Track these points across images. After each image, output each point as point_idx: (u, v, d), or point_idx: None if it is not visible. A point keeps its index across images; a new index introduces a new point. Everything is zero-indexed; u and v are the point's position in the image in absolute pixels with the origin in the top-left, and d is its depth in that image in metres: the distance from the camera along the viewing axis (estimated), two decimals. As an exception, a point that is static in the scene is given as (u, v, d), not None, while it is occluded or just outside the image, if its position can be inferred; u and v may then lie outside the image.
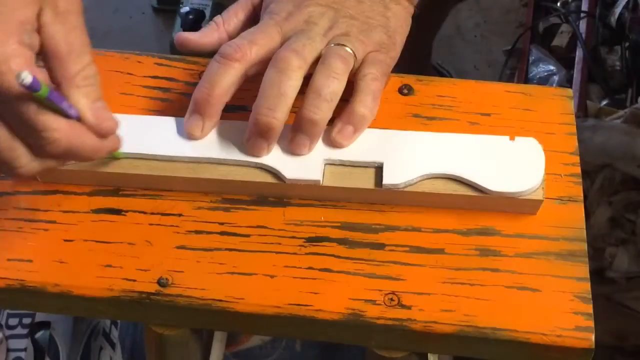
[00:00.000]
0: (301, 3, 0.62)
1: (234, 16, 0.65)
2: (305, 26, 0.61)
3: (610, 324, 1.17)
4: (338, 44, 0.60)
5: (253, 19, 0.65)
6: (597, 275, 1.15)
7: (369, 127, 0.61)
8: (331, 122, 0.60)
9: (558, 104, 0.64)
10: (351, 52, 0.60)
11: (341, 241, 0.58)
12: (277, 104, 0.57)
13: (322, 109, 0.58)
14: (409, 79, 0.66)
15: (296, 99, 0.58)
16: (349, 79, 0.60)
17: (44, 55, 0.53)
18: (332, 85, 0.58)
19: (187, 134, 0.60)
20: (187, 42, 0.63)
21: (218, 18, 0.65)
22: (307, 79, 0.59)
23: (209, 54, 0.62)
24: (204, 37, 0.64)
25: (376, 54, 0.61)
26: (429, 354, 0.66)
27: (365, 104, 0.60)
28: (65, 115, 0.53)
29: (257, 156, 0.59)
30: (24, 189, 0.61)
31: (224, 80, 0.59)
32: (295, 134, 0.59)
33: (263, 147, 0.59)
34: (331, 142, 0.60)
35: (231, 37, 0.63)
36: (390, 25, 0.63)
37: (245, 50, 0.59)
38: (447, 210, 0.59)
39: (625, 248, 1.15)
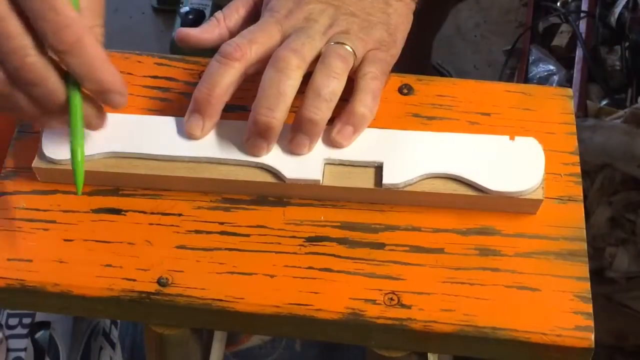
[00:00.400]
0: (301, 0, 0.62)
1: (235, 12, 0.65)
2: (305, 24, 0.61)
3: (610, 324, 1.17)
4: (338, 43, 0.60)
5: (254, 15, 0.65)
6: (597, 275, 1.15)
7: (369, 126, 0.61)
8: (331, 121, 0.60)
9: (558, 103, 0.64)
10: (351, 50, 0.60)
11: (341, 241, 0.58)
12: (276, 103, 0.57)
13: (321, 109, 0.58)
14: (409, 79, 0.66)
15: (296, 98, 0.58)
16: (349, 77, 0.60)
17: None
18: (331, 85, 0.58)
19: (187, 134, 0.60)
20: (188, 37, 0.63)
21: (219, 14, 0.65)
22: (307, 77, 0.59)
23: (209, 50, 0.62)
24: (205, 32, 0.64)
25: (376, 52, 0.61)
26: (428, 354, 0.66)
27: (365, 104, 0.59)
28: None
29: (257, 156, 0.59)
30: (24, 188, 0.61)
31: (224, 80, 0.59)
32: (295, 133, 0.59)
33: (262, 146, 0.59)
34: (331, 142, 0.60)
35: (232, 33, 0.63)
36: (391, 22, 0.63)
37: (245, 50, 0.59)
38: (447, 209, 0.59)
39: (625, 248, 1.15)
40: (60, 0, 0.53)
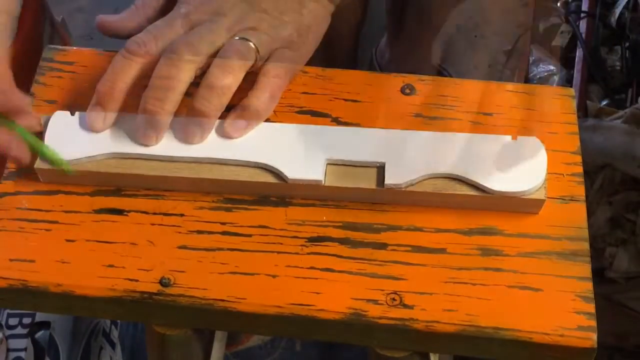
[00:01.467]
0: None
1: (154, 0, 0.65)
2: (213, 17, 0.61)
3: (610, 324, 1.17)
4: (241, 38, 0.60)
5: (172, 1, 0.64)
6: (597, 275, 1.15)
7: (373, 127, 0.61)
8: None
9: (560, 103, 0.64)
10: (254, 47, 0.60)
11: (343, 241, 0.58)
12: (165, 95, 0.58)
13: (212, 102, 0.59)
14: (411, 79, 0.66)
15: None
16: (255, 72, 0.60)
17: None
18: (225, 80, 0.58)
19: (89, 126, 0.60)
20: (108, 25, 0.64)
21: (139, 2, 0.65)
22: None
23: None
24: (124, 20, 0.64)
25: (284, 50, 0.61)
26: (430, 354, 0.66)
27: (260, 100, 0.60)
28: None
29: (147, 145, 0.60)
30: (26, 189, 0.61)
31: (127, 75, 0.59)
32: (187, 122, 0.60)
33: (152, 136, 0.59)
34: (222, 133, 0.60)
35: (150, 21, 0.63)
36: (303, 22, 0.63)
37: (150, 46, 0.59)
38: (449, 210, 0.59)
39: (625, 248, 1.15)
40: None
